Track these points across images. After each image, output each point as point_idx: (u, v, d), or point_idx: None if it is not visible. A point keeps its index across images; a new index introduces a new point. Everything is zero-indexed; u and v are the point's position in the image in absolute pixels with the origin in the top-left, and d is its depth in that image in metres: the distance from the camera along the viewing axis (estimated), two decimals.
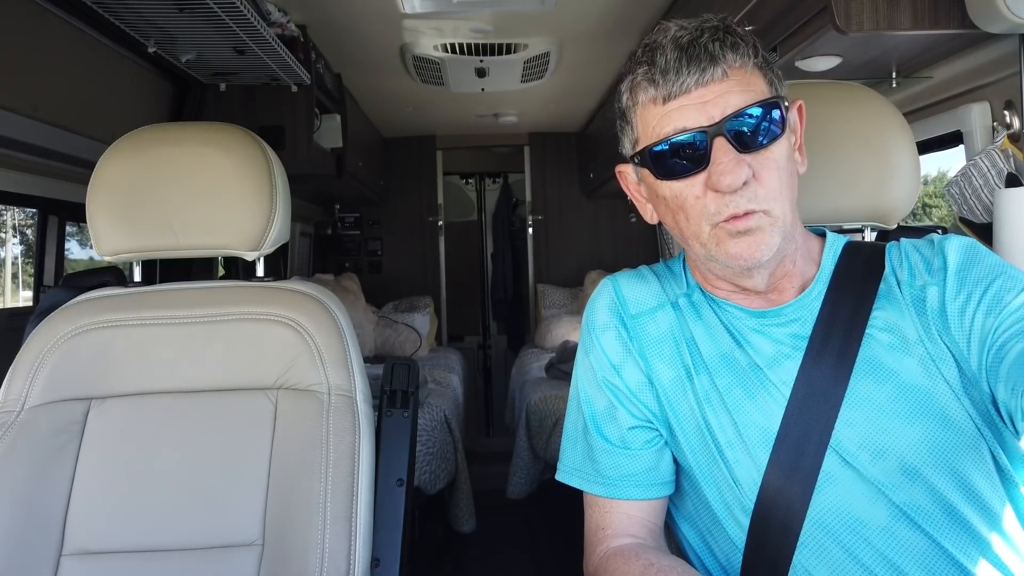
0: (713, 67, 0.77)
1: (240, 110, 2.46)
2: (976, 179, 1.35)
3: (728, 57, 0.78)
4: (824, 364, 0.82)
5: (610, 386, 0.91)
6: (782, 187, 0.79)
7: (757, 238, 0.79)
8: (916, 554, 0.77)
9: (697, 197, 0.80)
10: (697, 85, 0.78)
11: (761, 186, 0.78)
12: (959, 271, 0.82)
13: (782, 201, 0.79)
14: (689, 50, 0.77)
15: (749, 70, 0.79)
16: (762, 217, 0.79)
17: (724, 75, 0.78)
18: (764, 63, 0.81)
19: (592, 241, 4.69)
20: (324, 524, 1.02)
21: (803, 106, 0.88)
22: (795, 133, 0.87)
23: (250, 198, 1.14)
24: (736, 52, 0.78)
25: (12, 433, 1.05)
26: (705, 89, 0.78)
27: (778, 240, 0.80)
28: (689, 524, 0.92)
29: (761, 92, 0.79)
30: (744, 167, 0.77)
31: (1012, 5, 1.07)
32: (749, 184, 0.78)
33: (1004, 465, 0.79)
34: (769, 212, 0.79)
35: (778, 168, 0.79)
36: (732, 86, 0.78)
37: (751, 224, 0.78)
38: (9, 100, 1.52)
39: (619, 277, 0.97)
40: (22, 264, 3.17)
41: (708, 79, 0.77)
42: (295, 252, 3.94)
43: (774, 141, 0.79)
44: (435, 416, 2.81)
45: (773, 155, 0.79)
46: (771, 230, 0.79)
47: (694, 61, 0.77)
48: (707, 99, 0.78)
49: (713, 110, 0.77)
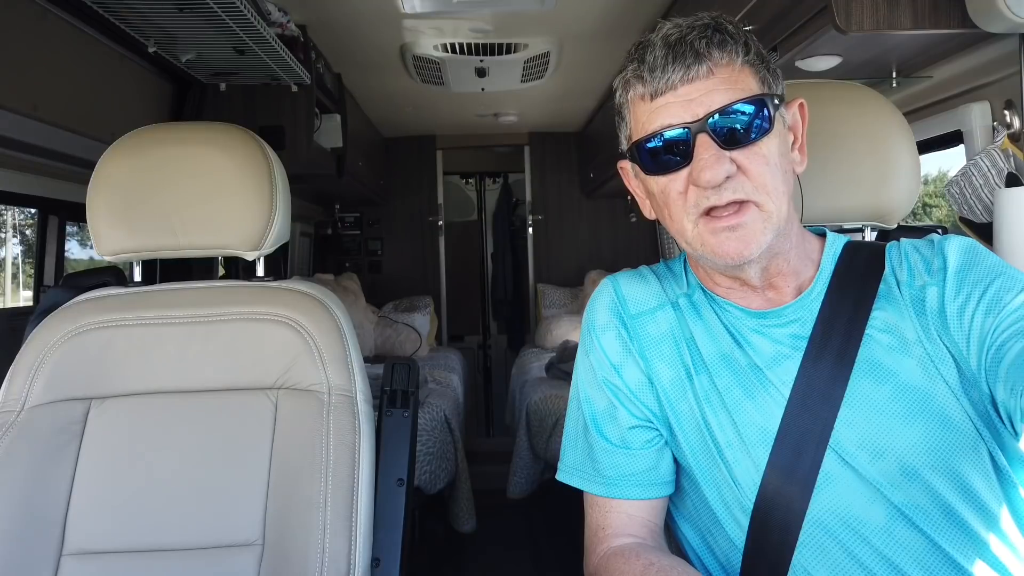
0: (698, 64, 0.78)
1: (240, 110, 2.46)
2: (976, 179, 1.35)
3: (714, 55, 0.78)
4: (823, 364, 0.82)
5: (610, 386, 0.91)
6: (774, 182, 0.79)
7: (746, 234, 0.79)
8: (915, 553, 0.77)
9: (680, 192, 0.81)
10: (682, 82, 0.78)
11: (748, 178, 0.78)
12: (958, 271, 0.82)
13: (775, 196, 0.79)
14: (676, 47, 0.78)
15: (738, 67, 0.79)
16: (754, 211, 0.79)
17: (710, 72, 0.78)
18: (757, 60, 0.81)
19: (592, 241, 4.69)
20: (324, 524, 1.02)
21: (804, 105, 0.88)
22: (795, 132, 0.87)
23: (250, 198, 1.14)
24: (723, 49, 0.79)
25: (12, 433, 1.05)
26: (691, 86, 0.78)
27: (770, 237, 0.80)
28: (689, 524, 0.92)
29: (749, 89, 0.79)
30: (725, 163, 0.77)
31: (1012, 5, 1.07)
32: (734, 177, 0.78)
33: (1002, 465, 0.79)
34: (761, 205, 0.79)
35: (767, 163, 0.79)
36: (718, 83, 0.78)
37: (739, 220, 0.79)
38: (9, 100, 1.52)
39: (619, 277, 0.98)
40: (22, 264, 3.17)
41: (693, 76, 0.78)
42: (295, 252, 3.94)
43: (761, 138, 0.79)
44: (435, 416, 2.81)
45: (761, 151, 0.79)
46: (763, 225, 0.79)
47: (679, 58, 0.78)
48: (692, 96, 0.78)
49: (698, 107, 0.78)
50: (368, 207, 4.65)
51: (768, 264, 0.85)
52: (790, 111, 0.86)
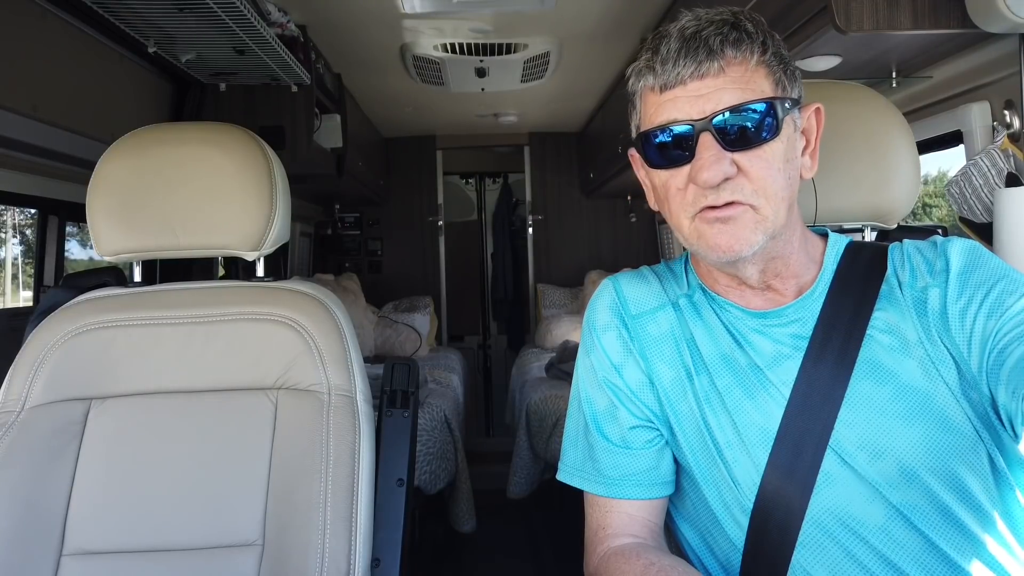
0: (710, 61, 0.77)
1: (240, 110, 2.46)
2: (976, 179, 1.35)
3: (728, 53, 0.77)
4: (824, 364, 0.82)
5: (611, 386, 0.91)
6: (775, 187, 0.79)
7: (736, 229, 0.79)
8: (913, 553, 0.77)
9: (679, 189, 0.81)
10: (692, 78, 0.78)
11: (748, 181, 0.78)
12: (961, 273, 0.82)
13: (774, 201, 0.79)
14: (690, 42, 0.77)
15: (751, 67, 0.78)
16: (746, 210, 0.78)
17: (721, 70, 0.77)
18: (775, 60, 0.80)
19: (592, 241, 4.69)
20: (324, 524, 1.02)
21: (821, 110, 0.86)
22: (807, 136, 0.86)
23: (250, 198, 1.14)
24: (738, 48, 0.78)
25: (12, 433, 1.05)
26: (701, 83, 0.78)
27: (760, 238, 0.79)
28: (689, 524, 0.92)
29: (761, 91, 0.78)
30: (725, 163, 0.77)
31: (1012, 5, 1.07)
32: (734, 178, 0.78)
33: (1001, 468, 0.79)
34: (757, 208, 0.78)
35: (769, 167, 0.78)
36: (728, 82, 0.77)
37: (731, 213, 0.78)
38: (9, 100, 1.52)
39: (620, 277, 0.98)
40: (22, 264, 3.17)
41: (704, 72, 0.77)
42: (295, 252, 3.94)
43: (765, 141, 0.78)
44: (435, 416, 2.81)
45: (765, 154, 0.78)
46: (754, 226, 0.79)
47: (692, 54, 0.77)
48: (702, 93, 0.78)
49: (706, 104, 0.77)
50: (368, 207, 4.65)
51: (765, 266, 0.85)
52: (805, 115, 0.85)
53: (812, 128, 0.86)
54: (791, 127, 0.81)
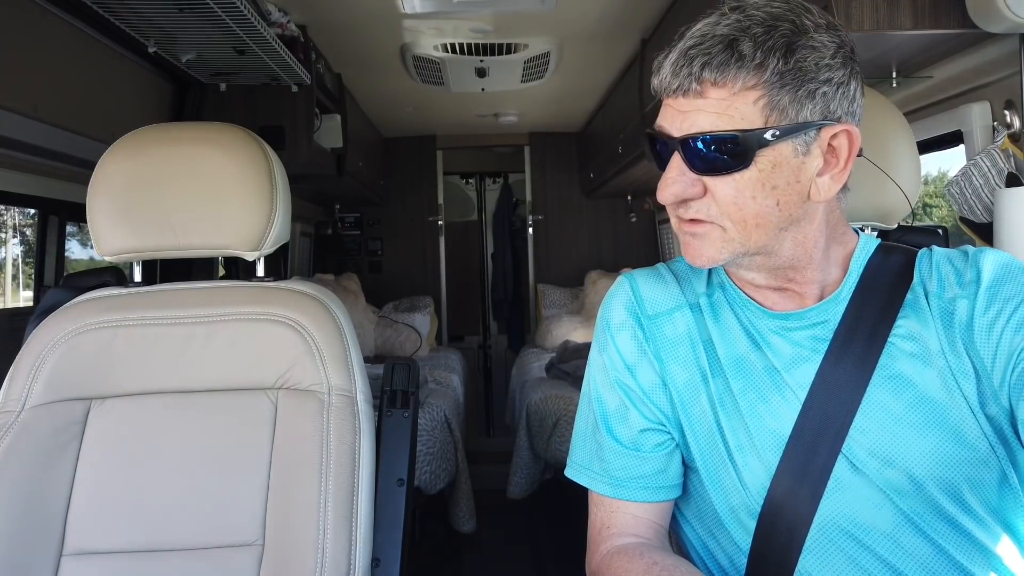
0: (689, 82, 0.75)
1: (240, 110, 2.46)
2: (976, 179, 1.36)
3: (707, 77, 0.74)
4: (842, 368, 0.81)
5: (623, 386, 0.90)
6: (744, 213, 0.77)
7: (701, 244, 0.80)
8: (920, 561, 0.77)
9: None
10: (677, 93, 0.77)
11: (715, 203, 0.78)
12: (991, 286, 0.80)
13: (742, 226, 0.77)
14: (679, 59, 0.76)
15: (735, 92, 0.74)
16: (714, 228, 0.79)
17: (699, 93, 0.75)
18: (777, 81, 0.73)
19: (592, 241, 4.69)
20: (324, 524, 1.02)
21: (852, 132, 0.77)
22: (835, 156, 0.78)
23: (250, 198, 1.14)
24: (721, 72, 0.73)
25: (12, 433, 1.05)
26: (684, 100, 0.77)
27: (725, 256, 0.80)
28: (694, 525, 0.92)
29: (740, 118, 0.74)
30: (686, 184, 0.77)
31: (1012, 5, 1.07)
32: (700, 199, 0.78)
33: (1014, 484, 0.79)
34: (725, 229, 0.79)
35: (739, 193, 0.76)
36: (706, 105, 0.75)
37: (697, 230, 0.80)
38: (9, 100, 1.52)
39: (637, 275, 0.96)
40: (22, 264, 3.17)
41: (686, 90, 0.76)
42: (295, 252, 3.94)
43: (734, 170, 0.75)
44: (435, 416, 2.81)
45: (734, 181, 0.76)
46: (721, 245, 0.79)
47: (677, 71, 0.76)
48: (683, 110, 0.77)
49: (683, 123, 0.77)
50: (368, 207, 4.65)
51: (770, 273, 0.84)
52: (826, 135, 0.77)
53: (842, 148, 0.78)
54: (779, 154, 0.75)
